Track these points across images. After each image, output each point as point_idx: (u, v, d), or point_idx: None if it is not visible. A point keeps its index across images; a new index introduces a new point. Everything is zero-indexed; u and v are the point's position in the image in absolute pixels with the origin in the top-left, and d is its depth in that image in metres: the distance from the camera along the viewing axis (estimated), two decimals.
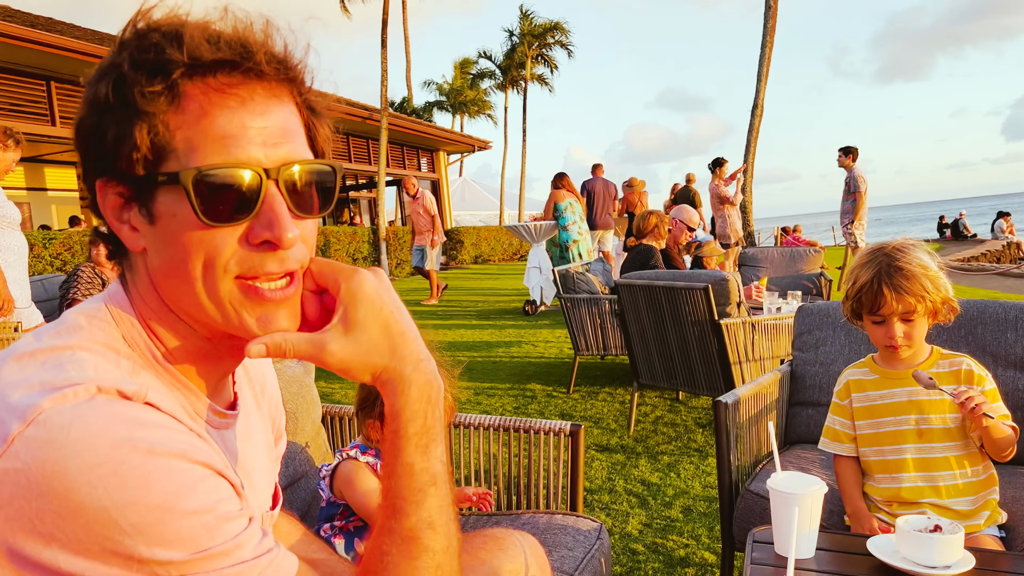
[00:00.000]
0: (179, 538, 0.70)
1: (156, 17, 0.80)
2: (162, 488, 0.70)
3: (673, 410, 4.97)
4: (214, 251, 0.79)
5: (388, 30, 18.06)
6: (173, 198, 0.78)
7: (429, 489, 0.87)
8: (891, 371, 1.96)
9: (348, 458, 1.78)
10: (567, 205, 9.75)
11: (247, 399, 1.07)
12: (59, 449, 0.68)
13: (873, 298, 1.86)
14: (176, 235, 0.79)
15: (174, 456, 0.72)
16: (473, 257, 21.80)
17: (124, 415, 0.72)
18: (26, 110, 11.55)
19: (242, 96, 0.79)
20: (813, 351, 2.75)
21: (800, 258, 7.08)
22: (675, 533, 3.13)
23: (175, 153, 0.77)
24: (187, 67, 0.76)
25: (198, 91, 0.77)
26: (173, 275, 0.81)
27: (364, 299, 0.84)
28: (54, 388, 0.72)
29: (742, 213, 16.31)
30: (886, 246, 1.92)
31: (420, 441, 0.87)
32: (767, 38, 14.82)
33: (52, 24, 12.65)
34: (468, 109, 36.53)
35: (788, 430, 2.76)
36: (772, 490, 1.56)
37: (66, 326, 0.82)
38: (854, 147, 10.02)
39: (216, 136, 0.77)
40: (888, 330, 1.88)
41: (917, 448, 1.88)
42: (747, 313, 4.42)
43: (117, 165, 0.78)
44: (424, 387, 0.88)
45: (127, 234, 0.82)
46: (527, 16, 32.66)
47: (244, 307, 0.82)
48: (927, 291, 1.83)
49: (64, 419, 0.69)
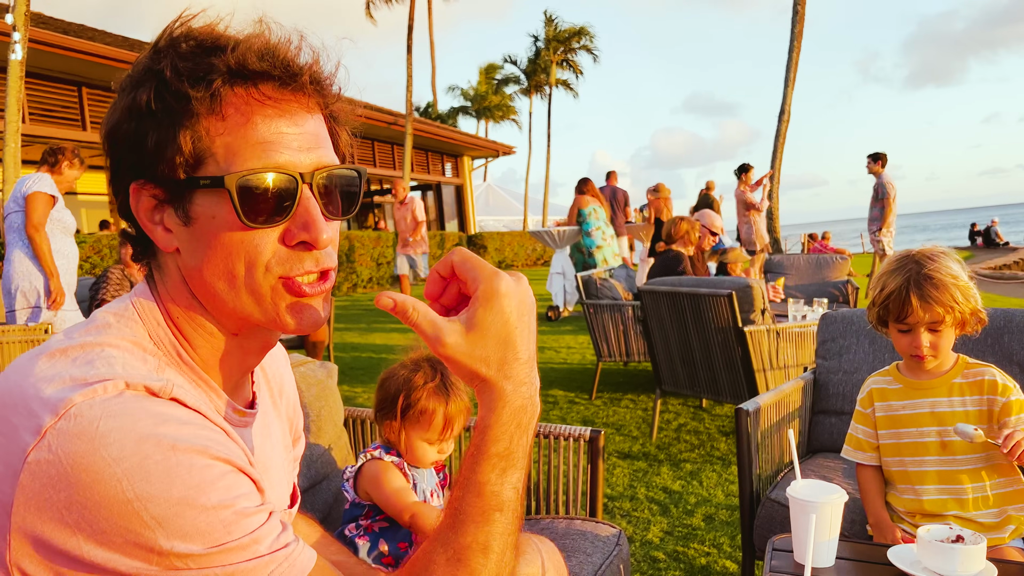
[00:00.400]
0: (198, 532, 0.73)
1: (194, 26, 0.84)
2: (183, 483, 0.72)
3: (696, 418, 4.94)
4: (254, 251, 0.83)
5: (414, 36, 18.17)
6: (213, 200, 0.82)
7: (494, 514, 0.85)
8: (915, 381, 1.93)
9: (373, 458, 1.79)
10: (591, 211, 9.73)
11: (265, 399, 1.10)
12: (88, 442, 0.71)
13: (900, 306, 1.82)
14: (216, 236, 0.82)
15: (196, 452, 0.75)
16: (497, 262, 21.84)
17: (150, 411, 0.75)
18: (57, 115, 11.76)
19: (280, 106, 0.83)
20: (837, 359, 2.73)
21: (827, 265, 7.01)
22: (696, 541, 3.12)
23: (214, 158, 0.81)
24: (230, 76, 0.81)
25: (239, 99, 0.81)
26: (211, 273, 0.84)
27: (494, 305, 0.83)
28: (85, 383, 0.75)
29: (768, 219, 16.21)
30: (916, 253, 1.88)
31: (499, 463, 0.86)
32: (794, 42, 14.73)
33: (84, 31, 12.88)
34: (492, 114, 36.64)
35: (811, 438, 2.74)
36: (791, 498, 1.55)
37: (96, 324, 0.86)
38: (883, 153, 9.91)
39: (256, 142, 0.81)
40: (914, 339, 1.85)
41: (939, 460, 1.85)
42: (772, 320, 4.39)
43: (156, 169, 0.82)
44: (518, 411, 0.86)
45: (160, 235, 0.86)
46: (552, 21, 32.72)
47: (283, 299, 0.86)
48: (956, 301, 1.79)
49: (94, 413, 0.72)
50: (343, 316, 11.26)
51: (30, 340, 4.13)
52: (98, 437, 0.71)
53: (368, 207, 24.33)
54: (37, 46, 9.93)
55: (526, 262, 23.59)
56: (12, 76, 7.90)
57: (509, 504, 0.86)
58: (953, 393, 1.88)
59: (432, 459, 1.82)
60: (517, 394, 0.86)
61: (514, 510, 0.87)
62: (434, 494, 1.86)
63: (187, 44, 0.82)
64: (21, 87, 8.04)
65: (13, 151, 7.92)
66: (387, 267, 16.83)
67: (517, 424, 0.86)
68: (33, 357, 0.81)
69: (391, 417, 1.79)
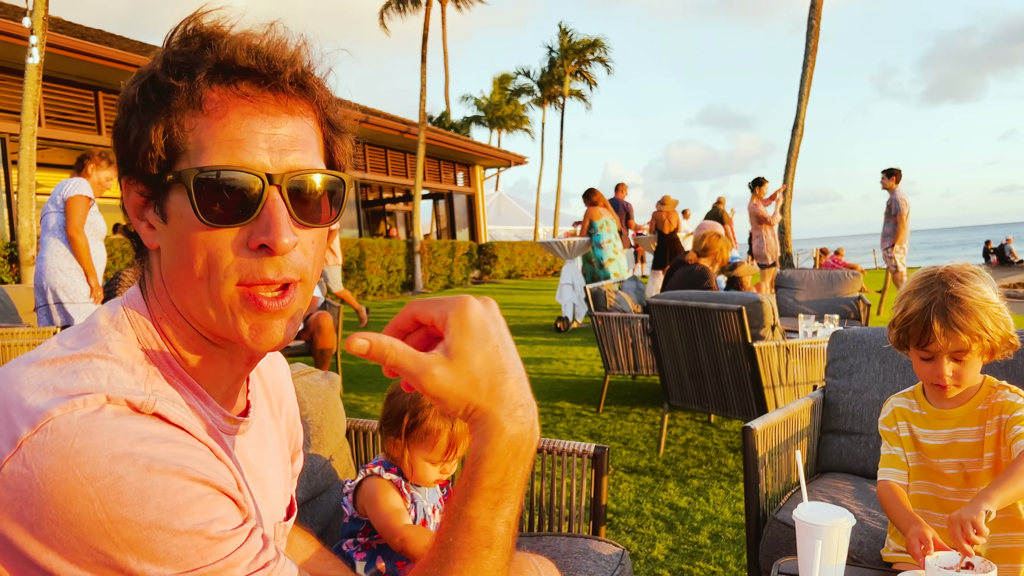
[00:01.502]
0: (170, 556, 0.71)
1: (202, 22, 0.83)
2: (157, 505, 0.71)
3: (704, 433, 4.90)
4: (216, 253, 0.80)
5: (428, 45, 18.25)
6: (182, 198, 0.80)
7: (482, 551, 0.79)
8: (938, 410, 1.80)
9: (372, 475, 1.77)
10: (603, 223, 9.72)
11: (262, 408, 1.08)
12: (62, 459, 0.70)
13: (922, 331, 1.67)
14: (183, 235, 0.81)
15: (172, 473, 0.72)
16: (507, 272, 21.83)
17: (128, 429, 0.73)
18: (74, 119, 11.85)
19: (258, 105, 0.81)
20: (847, 378, 2.69)
21: (838, 281, 6.96)
22: (702, 559, 3.08)
23: (186, 154, 0.80)
24: (212, 71, 0.79)
25: (218, 95, 0.80)
26: (180, 274, 0.83)
27: (472, 328, 0.77)
28: (66, 395, 0.74)
29: (780, 233, 16.13)
30: (943, 271, 1.71)
31: (492, 496, 0.79)
32: (809, 56, 14.69)
33: (102, 36, 12.98)
34: (505, 124, 36.71)
35: (820, 458, 2.70)
36: (798, 521, 1.51)
37: (87, 329, 0.85)
38: (898, 169, 9.85)
39: (225, 139, 0.79)
40: (936, 368, 1.70)
41: (960, 492, 1.76)
42: (782, 336, 4.35)
43: (136, 164, 0.82)
44: (515, 440, 0.80)
45: (145, 231, 0.86)
46: (566, 33, 32.79)
47: (241, 313, 0.82)
48: (985, 328, 1.63)
49: (70, 429, 0.71)
50: (352, 324, 11.25)
51: (38, 344, 4.16)
52: (72, 454, 0.70)
53: (380, 215, 24.40)
54: (54, 50, 10.01)
55: (536, 272, 23.58)
56: (29, 79, 7.96)
57: (500, 540, 0.80)
58: (974, 422, 1.76)
59: (434, 478, 1.79)
60: (512, 419, 0.79)
61: (504, 545, 0.81)
62: (436, 510, 1.83)
63: (186, 41, 0.81)
64: (38, 90, 8.09)
65: (28, 154, 7.97)
66: (397, 275, 16.87)
67: (514, 454, 0.80)
68: (23, 364, 0.79)
69: (396, 434, 1.76)
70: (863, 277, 7.28)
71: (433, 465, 1.77)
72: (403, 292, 17.27)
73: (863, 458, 2.58)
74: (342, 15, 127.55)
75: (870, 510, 2.23)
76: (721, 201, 13.56)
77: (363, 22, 56.07)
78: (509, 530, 0.82)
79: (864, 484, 2.45)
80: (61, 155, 13.20)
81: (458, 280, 19.43)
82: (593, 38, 32.67)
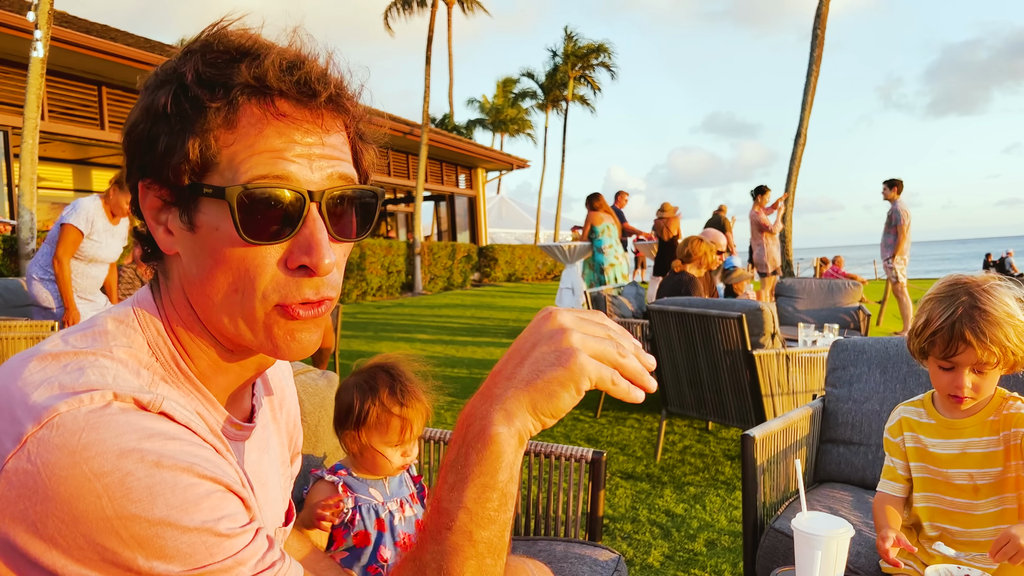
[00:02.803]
0: (178, 553, 0.70)
1: (229, 31, 0.82)
2: (166, 502, 0.69)
3: (702, 440, 4.89)
4: (254, 271, 0.80)
5: (432, 47, 18.27)
6: (217, 212, 0.79)
7: (444, 532, 0.77)
8: (948, 420, 1.79)
9: (318, 478, 1.79)
10: (604, 228, 9.73)
11: (265, 412, 1.07)
12: (69, 455, 0.68)
13: (948, 343, 1.64)
14: (217, 248, 0.80)
15: (181, 470, 0.71)
16: (507, 275, 21.83)
17: (136, 425, 0.72)
18: (77, 113, 11.86)
19: (295, 122, 0.80)
20: (847, 387, 2.68)
21: (839, 291, 6.95)
22: (697, 567, 3.06)
23: (218, 167, 0.79)
24: (248, 88, 0.78)
25: (255, 112, 0.79)
26: (209, 286, 0.82)
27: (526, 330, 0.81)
28: (72, 392, 0.72)
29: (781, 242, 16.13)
30: (968, 282, 1.69)
31: (448, 476, 0.78)
32: (813, 66, 14.71)
33: (107, 31, 12.99)
34: (508, 127, 36.74)
35: (818, 468, 2.69)
36: (796, 531, 1.50)
37: (94, 330, 0.83)
38: (899, 180, 9.84)
39: (263, 150, 0.78)
40: (956, 379, 1.69)
41: (970, 504, 1.75)
42: (782, 344, 4.34)
43: (164, 172, 0.80)
44: (464, 418, 0.79)
45: (162, 235, 0.84)
46: (571, 37, 32.83)
47: (276, 325, 0.82)
48: (1010, 341, 1.61)
49: (77, 425, 0.70)
50: (350, 324, 11.26)
51: (35, 337, 4.14)
52: (80, 450, 0.68)
53: (381, 215, 24.37)
54: (59, 44, 10.02)
55: (536, 276, 23.57)
56: (33, 73, 7.96)
57: (459, 525, 0.77)
58: (985, 433, 1.75)
59: (398, 464, 1.78)
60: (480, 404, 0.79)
61: (466, 532, 0.77)
62: (405, 505, 1.82)
63: (215, 50, 0.80)
64: (41, 84, 8.10)
65: (31, 147, 7.98)
66: (397, 275, 16.86)
67: (463, 434, 0.78)
68: (25, 359, 0.78)
69: (350, 426, 1.76)
70: (863, 287, 7.27)
71: (393, 448, 1.76)
72: (402, 293, 17.27)
73: (862, 468, 2.57)
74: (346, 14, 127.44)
75: (868, 521, 2.22)
76: (723, 209, 13.59)
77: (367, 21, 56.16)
78: (469, 517, 0.77)
79: (863, 495, 2.43)
80: (63, 149, 13.22)
81: (458, 282, 19.43)
82: (598, 43, 32.71)
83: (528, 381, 0.76)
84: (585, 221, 9.96)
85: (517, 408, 0.76)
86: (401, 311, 13.30)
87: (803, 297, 6.91)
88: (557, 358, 0.76)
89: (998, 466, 1.72)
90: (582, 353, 0.76)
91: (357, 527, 1.74)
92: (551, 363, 0.76)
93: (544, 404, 0.76)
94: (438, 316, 12.55)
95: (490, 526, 0.77)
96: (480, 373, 6.84)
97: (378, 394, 1.74)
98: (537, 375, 0.76)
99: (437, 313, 13.00)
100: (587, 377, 0.76)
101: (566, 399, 0.76)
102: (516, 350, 0.79)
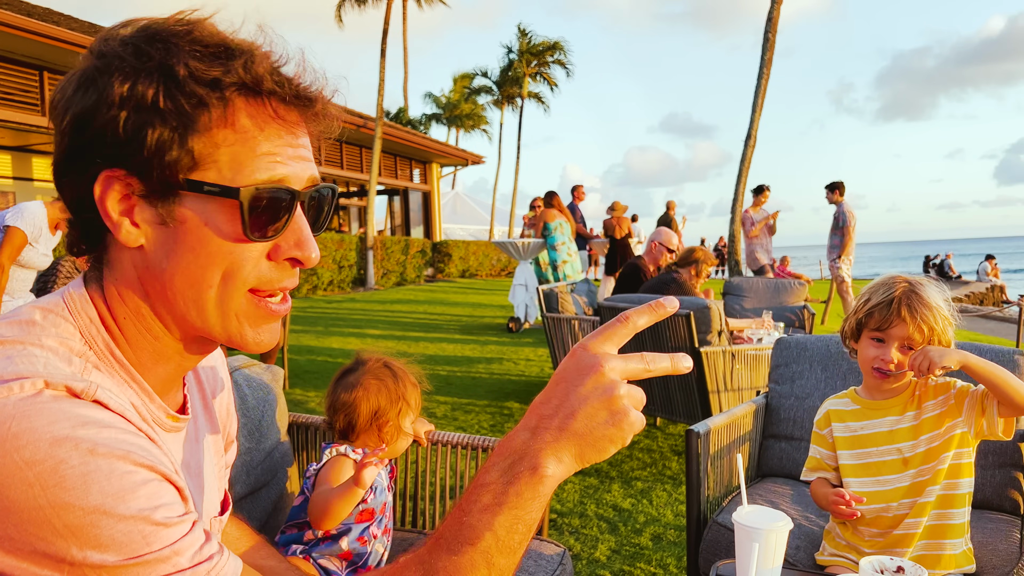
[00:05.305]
0: (114, 542, 0.69)
1: (204, 23, 0.81)
2: (100, 490, 0.68)
3: (650, 436, 4.95)
4: (239, 263, 0.82)
5: (388, 40, 18.12)
6: (210, 207, 0.80)
7: (465, 547, 0.79)
8: (872, 402, 1.93)
9: (338, 454, 1.81)
10: (557, 225, 9.78)
11: (196, 402, 1.07)
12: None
13: (886, 315, 1.83)
14: (202, 243, 0.80)
15: (116, 457, 0.70)
16: (461, 271, 21.78)
17: (69, 412, 0.71)
18: (17, 99, 11.48)
19: (287, 124, 0.83)
20: (789, 384, 2.74)
21: (785, 290, 7.09)
22: (643, 561, 3.10)
23: (216, 165, 0.79)
24: (245, 88, 0.79)
25: (250, 111, 0.81)
26: (182, 278, 0.81)
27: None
28: (1, 380, 0.71)
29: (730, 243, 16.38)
30: (906, 276, 1.90)
31: (481, 496, 0.80)
32: (764, 69, 14.96)
33: (49, 14, 12.59)
34: (464, 123, 36.63)
35: (761, 462, 2.74)
36: (736, 524, 1.53)
37: (20, 320, 0.80)
38: (840, 182, 10.06)
39: (262, 154, 0.81)
40: (885, 353, 1.85)
41: (902, 477, 1.85)
42: (727, 342, 4.41)
43: (147, 165, 0.77)
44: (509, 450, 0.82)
45: (126, 228, 0.80)
46: (525, 34, 32.84)
47: (248, 319, 0.85)
48: (937, 324, 1.81)
49: (6, 414, 0.68)
50: (300, 318, 11.12)
51: None
52: (10, 439, 0.67)
53: (336, 209, 24.12)
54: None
55: (490, 272, 23.57)
56: None
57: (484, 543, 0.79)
58: (911, 408, 1.89)
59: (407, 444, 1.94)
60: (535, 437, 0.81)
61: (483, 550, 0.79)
62: (380, 490, 1.86)
63: (202, 44, 0.79)
64: None
65: None
66: (349, 270, 16.70)
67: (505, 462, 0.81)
68: None
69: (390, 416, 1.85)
70: (809, 287, 7.42)
71: (413, 421, 1.92)
72: (354, 288, 17.11)
73: (803, 463, 2.62)
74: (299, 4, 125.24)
75: (808, 514, 2.27)
76: (670, 206, 13.69)
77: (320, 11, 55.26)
78: (493, 536, 0.79)
79: (803, 489, 2.49)
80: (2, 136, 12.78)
81: (411, 277, 19.33)
82: (553, 40, 32.77)
83: (581, 434, 0.79)
84: (538, 218, 10.00)
85: (567, 455, 0.79)
86: (352, 306, 13.18)
87: (750, 296, 7.03)
88: (611, 417, 0.79)
89: (925, 433, 1.84)
90: (632, 411, 0.80)
91: (369, 504, 1.80)
92: (604, 421, 0.79)
93: (592, 455, 0.80)
94: (390, 311, 12.46)
95: (510, 556, 0.80)
96: (431, 369, 6.80)
97: (399, 379, 1.88)
98: (590, 430, 0.79)
99: (389, 308, 12.91)
100: (633, 433, 0.81)
101: (612, 451, 0.81)
102: (565, 396, 0.80)
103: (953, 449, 1.82)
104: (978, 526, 2.08)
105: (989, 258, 28.09)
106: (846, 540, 1.93)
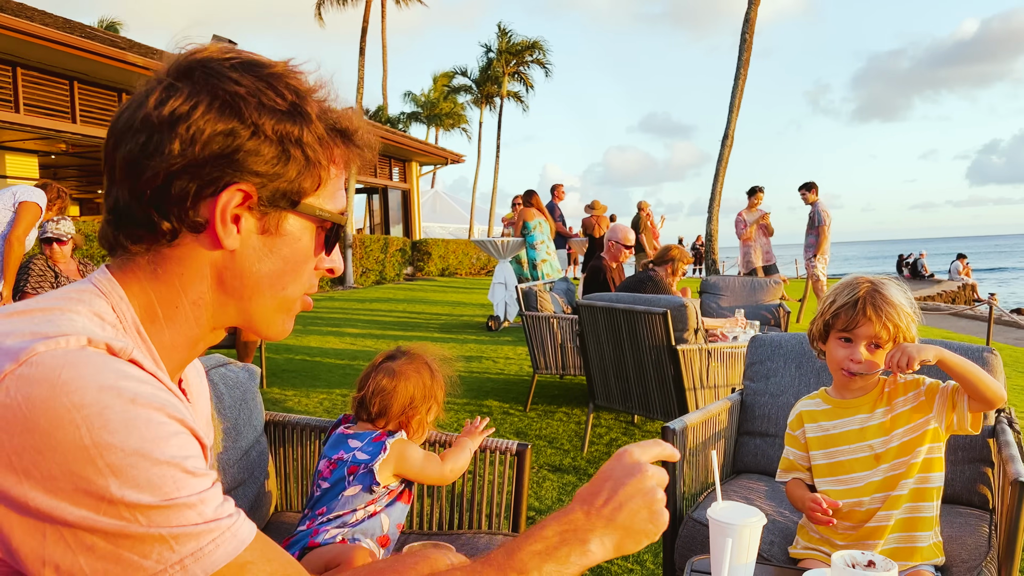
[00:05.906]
0: (150, 484, 0.74)
1: (299, 72, 0.96)
2: (140, 435, 0.74)
3: (628, 433, 4.98)
4: (308, 272, 1.00)
5: (367, 38, 18.06)
6: (304, 226, 0.96)
7: (510, 573, 0.93)
8: (843, 401, 1.97)
9: (395, 439, 1.89)
10: (536, 224, 9.80)
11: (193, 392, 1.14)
12: (49, 388, 0.72)
13: (852, 316, 1.87)
14: (295, 255, 0.96)
15: (154, 408, 0.77)
16: (440, 269, 21.75)
17: (111, 366, 0.77)
18: None
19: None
20: (764, 381, 2.77)
21: (760, 288, 7.16)
22: (620, 557, 3.12)
23: (318, 193, 0.96)
24: (344, 136, 0.97)
25: (345, 156, 0.99)
26: (269, 280, 0.95)
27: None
28: (47, 336, 0.77)
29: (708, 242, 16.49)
30: (868, 277, 1.94)
31: (535, 544, 0.96)
32: (741, 70, 15.08)
33: (22, 9, 12.40)
34: (443, 122, 36.56)
35: (736, 459, 2.77)
36: (710, 519, 1.55)
37: (51, 296, 0.87)
38: (814, 182, 10.17)
39: (336, 188, 0.99)
40: (852, 351, 1.89)
41: (874, 472, 1.89)
42: (704, 340, 4.44)
43: (280, 186, 0.91)
44: (567, 519, 0.99)
45: (229, 231, 0.90)
46: (505, 33, 32.84)
47: (288, 313, 1.00)
48: (901, 321, 1.85)
49: (56, 362, 0.74)
50: None
51: None
52: (60, 384, 0.73)
53: None
54: None
55: (469, 270, 23.56)
56: None
57: None
58: (881, 404, 1.93)
59: None
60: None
61: None
62: None
63: (317, 97, 0.95)
64: None
65: None
66: None
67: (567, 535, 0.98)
68: None
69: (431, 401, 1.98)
70: (784, 285, 7.50)
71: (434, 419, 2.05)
72: (333, 286, 17.03)
73: (777, 460, 2.64)
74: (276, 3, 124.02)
75: (782, 510, 2.30)
76: (642, 207, 13.51)
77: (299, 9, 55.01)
78: None
79: (777, 485, 2.52)
80: None
81: (390, 276, 19.27)
82: (532, 40, 32.80)
83: (625, 527, 0.98)
84: (518, 217, 10.01)
85: (609, 541, 0.98)
86: (331, 304, 13.11)
87: (726, 294, 7.10)
88: (650, 517, 0.99)
89: (898, 428, 1.89)
90: (665, 513, 1.00)
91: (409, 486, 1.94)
92: (645, 519, 0.99)
93: (629, 547, 0.99)
94: (369, 310, 12.42)
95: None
96: None
97: (435, 378, 2.01)
98: (632, 524, 0.98)
99: (368, 307, 12.87)
100: (662, 531, 1.01)
101: (644, 545, 1.00)
102: (613, 491, 0.99)
103: (927, 443, 1.86)
104: (948, 520, 2.12)
105: (961, 257, 28.50)
106: (819, 534, 1.96)
